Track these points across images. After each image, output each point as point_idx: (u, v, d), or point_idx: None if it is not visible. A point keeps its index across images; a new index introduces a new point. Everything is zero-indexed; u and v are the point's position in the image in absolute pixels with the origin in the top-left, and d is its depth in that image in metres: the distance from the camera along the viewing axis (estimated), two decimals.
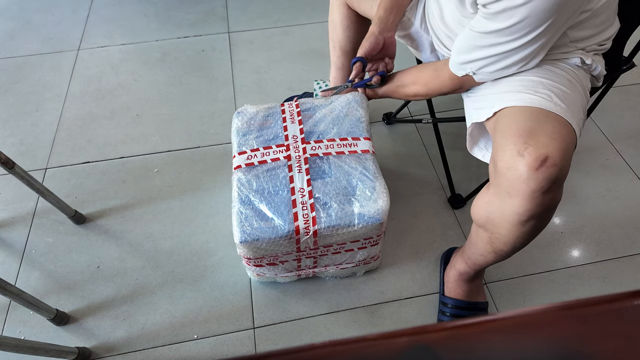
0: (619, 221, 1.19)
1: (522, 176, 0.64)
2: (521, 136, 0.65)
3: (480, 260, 0.88)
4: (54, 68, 1.63)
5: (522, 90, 0.74)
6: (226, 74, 1.60)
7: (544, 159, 0.63)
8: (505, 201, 0.69)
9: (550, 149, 0.63)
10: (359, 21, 1.12)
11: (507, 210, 0.70)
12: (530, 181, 0.64)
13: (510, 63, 0.74)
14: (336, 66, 1.25)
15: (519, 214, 0.68)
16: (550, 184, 0.64)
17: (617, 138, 1.38)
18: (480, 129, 0.87)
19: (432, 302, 1.06)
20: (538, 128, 0.66)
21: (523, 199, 0.66)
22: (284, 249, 0.89)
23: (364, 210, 0.86)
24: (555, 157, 0.63)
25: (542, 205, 0.66)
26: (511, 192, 0.67)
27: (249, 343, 1.01)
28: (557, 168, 0.63)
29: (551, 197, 0.66)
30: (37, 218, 1.22)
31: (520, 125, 0.67)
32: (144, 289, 1.09)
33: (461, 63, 0.79)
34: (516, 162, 0.64)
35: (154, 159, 1.35)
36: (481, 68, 0.77)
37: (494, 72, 0.77)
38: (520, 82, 0.76)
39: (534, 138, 0.64)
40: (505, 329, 0.29)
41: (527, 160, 0.63)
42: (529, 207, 0.66)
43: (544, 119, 0.68)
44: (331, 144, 0.95)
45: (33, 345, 0.86)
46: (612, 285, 1.08)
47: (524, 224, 0.70)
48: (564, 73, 0.77)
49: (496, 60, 0.74)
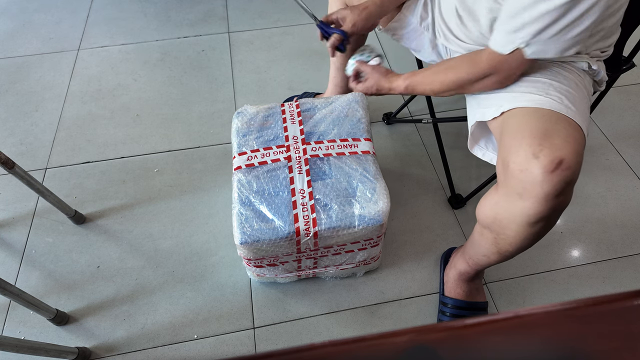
0: (619, 221, 1.19)
1: (536, 179, 0.63)
2: (536, 137, 0.65)
3: (483, 260, 0.88)
4: (54, 68, 1.63)
5: (533, 91, 0.73)
6: (226, 74, 1.60)
7: (559, 161, 0.62)
8: (516, 203, 0.68)
9: (565, 151, 0.63)
10: None
11: (516, 212, 0.69)
12: (544, 184, 0.63)
13: (567, 32, 0.66)
14: (335, 66, 1.26)
15: (528, 216, 0.68)
16: (564, 187, 0.64)
17: (617, 138, 1.38)
18: (482, 128, 0.87)
19: (432, 302, 1.06)
20: (552, 130, 0.65)
21: (536, 201, 0.65)
22: (284, 250, 0.89)
23: (365, 211, 0.86)
24: (570, 160, 0.63)
25: (553, 208, 0.66)
26: (523, 194, 0.66)
27: (249, 343, 1.01)
28: (571, 171, 0.63)
29: (562, 200, 0.66)
30: (37, 218, 1.22)
31: (534, 127, 0.67)
32: (144, 289, 1.09)
33: (513, 30, 0.69)
34: (530, 164, 0.64)
35: (154, 159, 1.35)
36: (539, 33, 0.66)
37: (552, 38, 0.67)
38: (531, 83, 0.75)
39: (549, 140, 0.64)
40: (505, 329, 0.29)
41: (543, 162, 0.63)
42: (540, 209, 0.66)
43: (557, 122, 0.67)
44: (331, 145, 0.95)
45: (33, 345, 0.86)
46: (612, 285, 1.08)
47: (532, 225, 0.70)
48: (572, 76, 0.77)
49: (559, 17, 0.64)
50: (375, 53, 1.02)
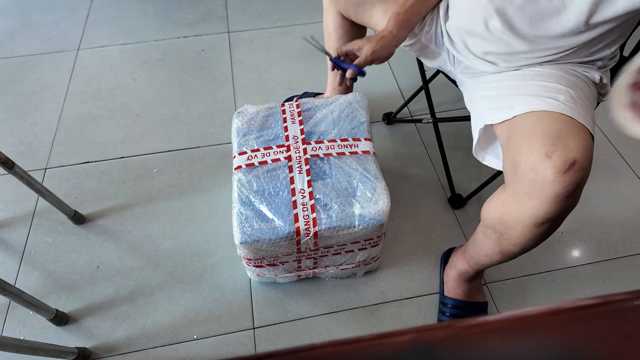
0: (619, 221, 1.19)
1: (547, 179, 0.63)
2: (549, 138, 0.65)
3: (484, 260, 0.88)
4: (53, 68, 1.63)
5: (545, 95, 0.73)
6: (226, 74, 1.60)
7: (572, 162, 0.62)
8: (524, 203, 0.68)
9: (578, 153, 0.63)
10: (354, 29, 1.10)
11: (524, 212, 0.69)
12: (556, 184, 0.63)
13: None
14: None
15: (536, 216, 0.68)
16: (575, 188, 0.64)
17: (617, 138, 1.38)
18: (486, 133, 0.85)
19: (432, 302, 1.06)
20: (565, 132, 0.66)
21: (545, 201, 0.65)
22: (284, 250, 0.89)
23: (365, 211, 0.86)
24: (582, 162, 0.63)
25: (561, 209, 0.66)
26: (532, 194, 0.66)
27: (249, 343, 1.01)
28: (582, 173, 0.63)
29: (572, 202, 0.66)
30: (36, 218, 1.22)
31: (547, 128, 0.67)
32: (144, 289, 1.09)
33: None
34: (542, 163, 0.63)
35: (154, 159, 1.35)
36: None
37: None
38: (543, 88, 0.75)
39: (562, 141, 0.64)
40: (505, 329, 0.29)
41: (555, 162, 0.63)
42: (548, 209, 0.66)
43: (570, 125, 0.67)
44: (332, 145, 0.95)
45: (33, 345, 0.86)
46: (612, 285, 1.08)
47: (539, 226, 0.70)
48: (583, 86, 0.77)
49: None
50: None
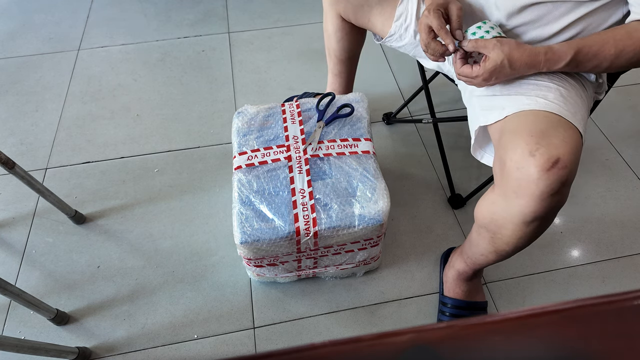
0: (619, 221, 1.19)
1: (531, 177, 0.64)
2: (533, 136, 0.65)
3: (480, 259, 0.88)
4: (54, 68, 1.63)
5: (535, 94, 0.73)
6: (226, 74, 1.60)
7: (556, 160, 0.63)
8: (512, 201, 0.68)
9: (562, 151, 0.63)
10: (354, 32, 1.10)
11: (512, 211, 0.69)
12: (540, 182, 0.63)
13: None
14: (333, 73, 1.25)
15: (524, 215, 0.68)
16: (560, 186, 0.64)
17: (617, 138, 1.38)
18: (484, 132, 0.86)
19: (432, 302, 1.06)
20: (550, 131, 0.66)
21: (531, 199, 0.66)
22: (284, 250, 0.90)
23: (365, 211, 0.86)
24: (566, 160, 0.63)
25: (549, 207, 0.66)
26: (518, 192, 0.66)
27: (249, 343, 1.01)
28: (567, 170, 0.63)
29: (558, 200, 0.66)
30: (37, 218, 1.22)
31: (532, 126, 0.67)
32: (144, 288, 1.09)
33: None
34: (527, 162, 0.64)
35: (154, 159, 1.35)
36: None
37: None
38: (533, 86, 0.75)
39: (546, 139, 0.64)
40: (505, 329, 0.29)
41: (539, 160, 0.63)
42: (535, 208, 0.66)
43: (557, 124, 0.68)
44: (332, 145, 0.95)
45: (33, 345, 0.86)
46: (612, 285, 1.08)
47: (528, 224, 0.70)
48: (577, 85, 0.78)
49: None
50: (497, 29, 0.75)
